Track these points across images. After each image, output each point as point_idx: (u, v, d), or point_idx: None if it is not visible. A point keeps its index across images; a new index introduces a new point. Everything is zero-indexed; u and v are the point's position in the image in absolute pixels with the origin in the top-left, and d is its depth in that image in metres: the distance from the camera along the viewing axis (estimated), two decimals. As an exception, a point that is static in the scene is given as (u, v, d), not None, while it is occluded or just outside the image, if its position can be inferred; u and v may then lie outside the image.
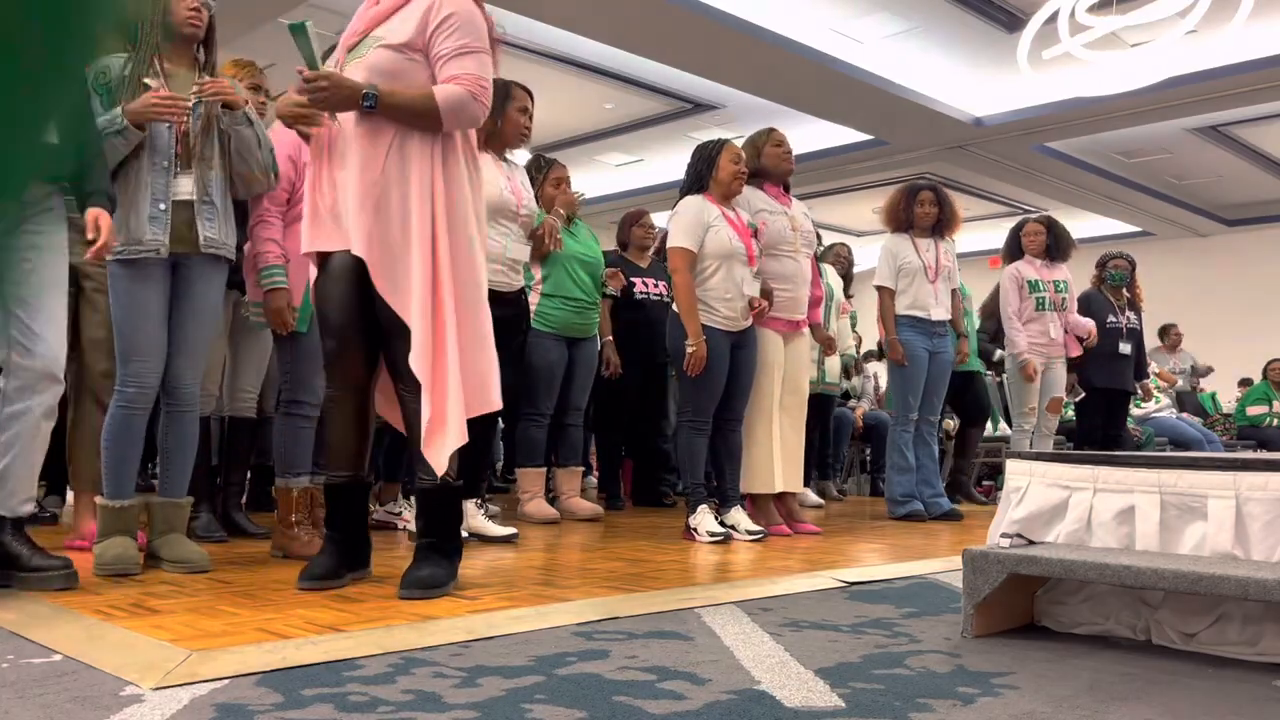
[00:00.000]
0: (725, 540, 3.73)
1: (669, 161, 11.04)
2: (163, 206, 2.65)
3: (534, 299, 4.59)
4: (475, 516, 3.70)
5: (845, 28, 7.71)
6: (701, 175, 4.02)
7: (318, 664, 1.67)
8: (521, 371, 4.32)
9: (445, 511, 2.52)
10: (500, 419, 4.16)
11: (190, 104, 2.65)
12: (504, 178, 3.67)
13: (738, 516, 3.94)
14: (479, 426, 3.69)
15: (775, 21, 7.44)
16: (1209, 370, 9.71)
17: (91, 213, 2.40)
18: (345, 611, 2.16)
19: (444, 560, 2.47)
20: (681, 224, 3.94)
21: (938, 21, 7.63)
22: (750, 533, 3.86)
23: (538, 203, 4.38)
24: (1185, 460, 2.05)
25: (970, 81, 8.70)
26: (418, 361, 2.36)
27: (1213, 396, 9.59)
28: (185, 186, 2.69)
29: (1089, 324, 5.87)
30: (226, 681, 1.55)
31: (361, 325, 2.50)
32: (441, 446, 2.40)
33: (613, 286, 4.95)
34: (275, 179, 2.93)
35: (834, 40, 7.84)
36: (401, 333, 2.39)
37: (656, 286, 5.51)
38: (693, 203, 3.97)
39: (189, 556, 2.72)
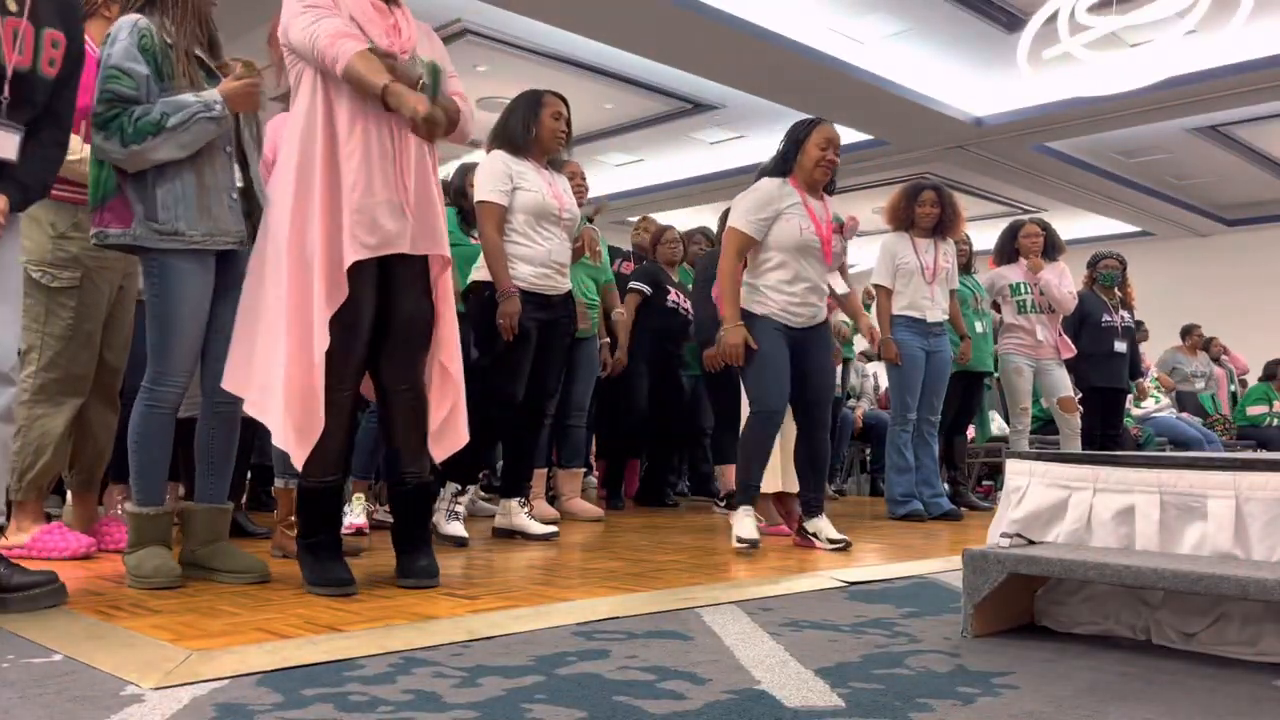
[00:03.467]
0: (752, 548, 3.47)
1: (669, 161, 11.05)
2: (235, 195, 2.53)
3: None
4: (518, 514, 3.77)
5: (845, 28, 7.71)
6: (788, 157, 3.68)
7: (318, 664, 1.67)
8: (569, 375, 4.43)
9: (428, 506, 2.75)
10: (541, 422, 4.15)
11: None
12: (545, 183, 3.71)
13: (819, 525, 3.68)
14: (531, 430, 3.86)
15: (775, 21, 7.44)
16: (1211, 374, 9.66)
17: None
18: (345, 611, 2.16)
19: (429, 550, 2.62)
20: (744, 205, 3.62)
21: (938, 21, 7.63)
22: (832, 541, 3.61)
23: None
24: (1185, 460, 2.04)
25: (970, 81, 8.70)
26: (454, 362, 2.61)
27: (1212, 397, 9.59)
28: (236, 175, 2.56)
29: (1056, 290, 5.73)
30: (226, 681, 1.55)
31: (372, 325, 2.54)
32: (452, 444, 2.62)
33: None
34: None
35: (834, 40, 7.84)
36: (425, 334, 2.58)
37: (685, 299, 5.51)
38: (767, 185, 3.63)
39: (249, 565, 2.54)
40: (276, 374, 2.36)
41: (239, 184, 2.58)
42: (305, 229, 2.39)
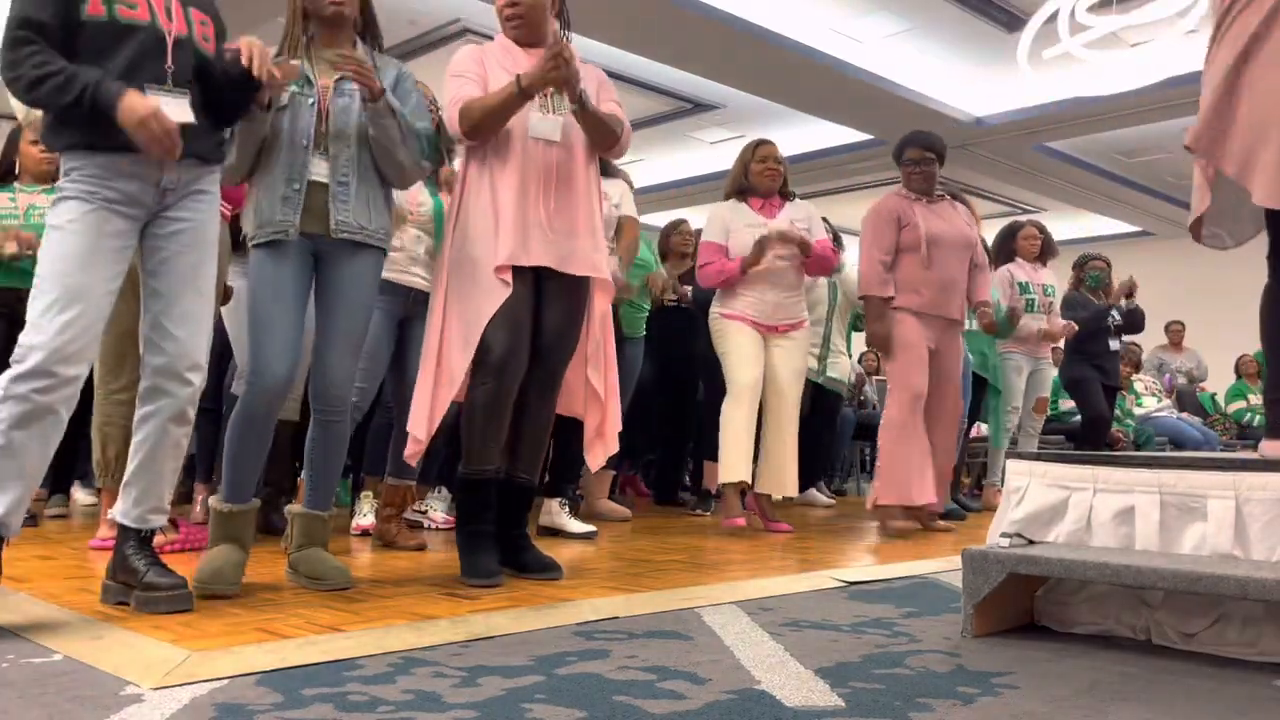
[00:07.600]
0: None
1: (669, 161, 11.04)
2: (296, 186, 2.46)
3: None
4: (560, 514, 3.92)
5: (845, 28, 7.72)
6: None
7: (318, 664, 1.68)
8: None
9: (530, 505, 2.90)
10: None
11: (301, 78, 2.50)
12: None
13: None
14: (572, 431, 3.88)
15: (775, 21, 7.44)
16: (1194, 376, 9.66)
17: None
18: (345, 611, 2.16)
19: (532, 543, 2.83)
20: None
21: (938, 21, 7.63)
22: None
23: None
24: (1185, 460, 2.05)
25: (970, 81, 8.70)
26: (596, 375, 2.84)
27: (1212, 397, 9.59)
28: (322, 167, 2.49)
29: (1067, 325, 5.88)
30: (226, 681, 1.55)
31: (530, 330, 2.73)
32: (603, 453, 2.87)
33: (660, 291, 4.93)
34: (429, 163, 2.73)
35: (834, 40, 7.84)
36: (567, 351, 2.78)
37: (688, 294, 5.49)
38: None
39: (327, 574, 2.48)
40: (428, 375, 2.65)
41: (326, 177, 2.49)
42: (467, 243, 2.69)
